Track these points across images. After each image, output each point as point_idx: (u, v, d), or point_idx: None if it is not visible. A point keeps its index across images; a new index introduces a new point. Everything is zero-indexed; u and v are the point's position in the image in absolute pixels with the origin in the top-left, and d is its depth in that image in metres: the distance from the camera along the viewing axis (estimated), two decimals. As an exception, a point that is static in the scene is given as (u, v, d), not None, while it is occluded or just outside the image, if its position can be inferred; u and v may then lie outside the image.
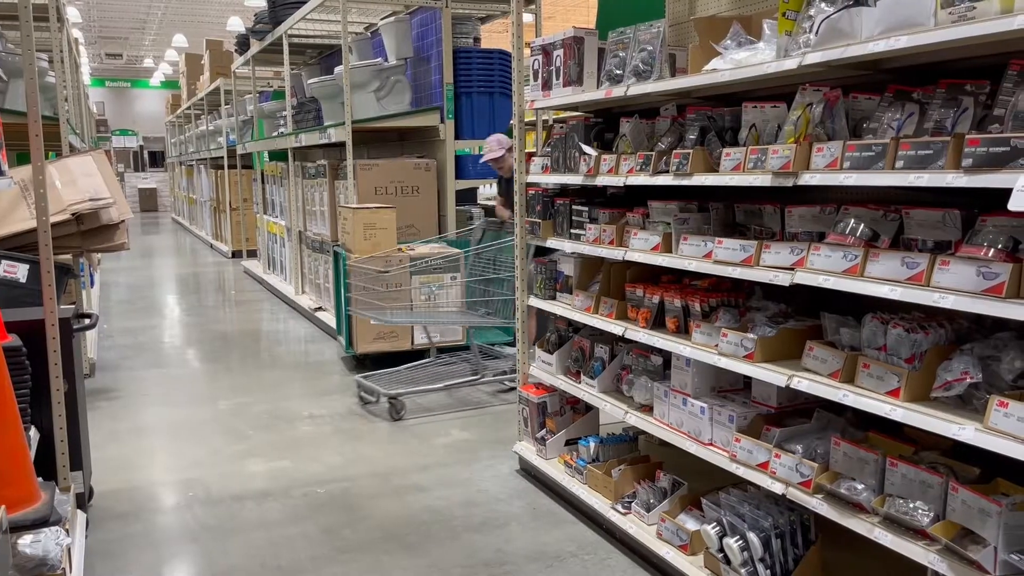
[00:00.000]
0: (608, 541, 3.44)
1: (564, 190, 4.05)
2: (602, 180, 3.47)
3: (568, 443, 3.96)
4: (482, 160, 5.80)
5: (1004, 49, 2.16)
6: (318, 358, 6.87)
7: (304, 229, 8.84)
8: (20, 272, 4.18)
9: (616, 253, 3.40)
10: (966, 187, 2.04)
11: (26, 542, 2.48)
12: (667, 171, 3.08)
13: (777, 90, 2.96)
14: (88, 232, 5.20)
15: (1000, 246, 2.08)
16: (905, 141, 2.23)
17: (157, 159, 28.58)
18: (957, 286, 2.09)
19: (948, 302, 2.09)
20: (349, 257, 6.06)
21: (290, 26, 8.33)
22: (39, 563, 2.47)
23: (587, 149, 3.58)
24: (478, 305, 5.05)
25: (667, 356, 3.28)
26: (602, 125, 3.73)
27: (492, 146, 5.78)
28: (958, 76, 2.34)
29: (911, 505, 2.25)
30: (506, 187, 5.91)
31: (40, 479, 2.82)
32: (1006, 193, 1.88)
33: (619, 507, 3.40)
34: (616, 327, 3.42)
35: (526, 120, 4.13)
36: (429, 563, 3.31)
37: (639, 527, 3.25)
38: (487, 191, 11.03)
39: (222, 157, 14.09)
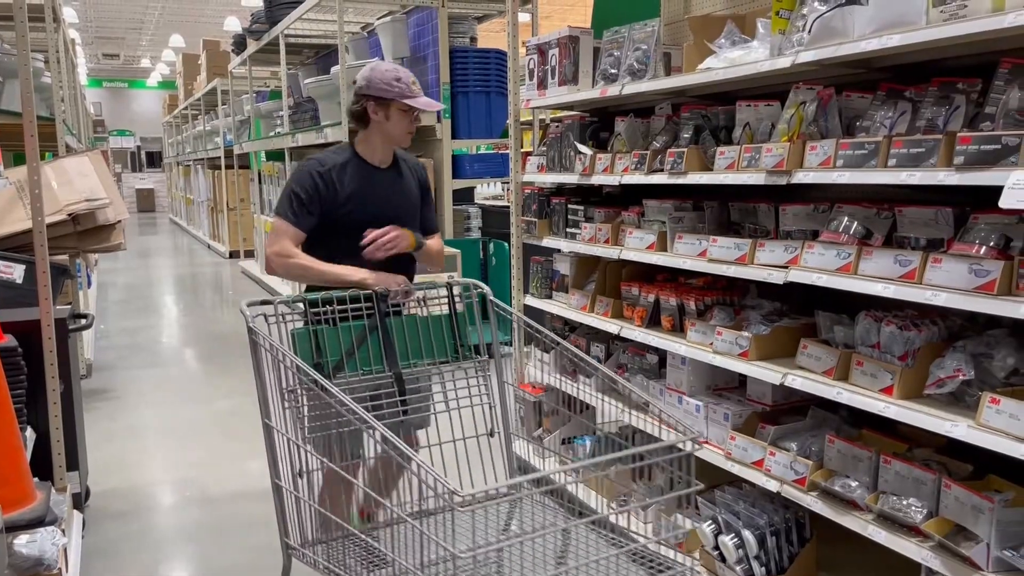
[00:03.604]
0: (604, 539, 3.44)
1: (560, 189, 4.05)
2: (597, 179, 3.48)
3: (564, 442, 3.96)
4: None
5: (995, 47, 2.17)
6: (315, 358, 6.87)
7: (301, 229, 8.82)
8: (16, 272, 4.18)
9: (612, 252, 3.40)
10: (958, 185, 2.04)
11: (22, 542, 2.48)
12: (662, 170, 3.09)
13: (771, 88, 2.97)
14: (84, 232, 5.19)
15: (992, 243, 2.08)
16: (898, 139, 2.23)
17: (154, 159, 28.54)
18: (949, 283, 2.10)
19: (940, 299, 2.10)
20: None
21: (287, 26, 8.33)
22: (35, 563, 2.47)
23: (582, 148, 3.58)
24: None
25: (663, 354, 3.28)
26: (597, 124, 3.73)
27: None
28: (950, 74, 2.34)
29: (904, 502, 2.26)
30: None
31: (36, 479, 2.81)
32: (998, 190, 1.89)
33: (615, 505, 3.40)
34: (612, 326, 3.43)
35: (523, 119, 4.14)
36: (426, 562, 3.30)
37: (635, 525, 3.25)
38: (484, 190, 11.04)
39: (219, 157, 14.08)
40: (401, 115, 2.75)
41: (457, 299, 2.68)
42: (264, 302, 2.40)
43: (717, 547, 2.78)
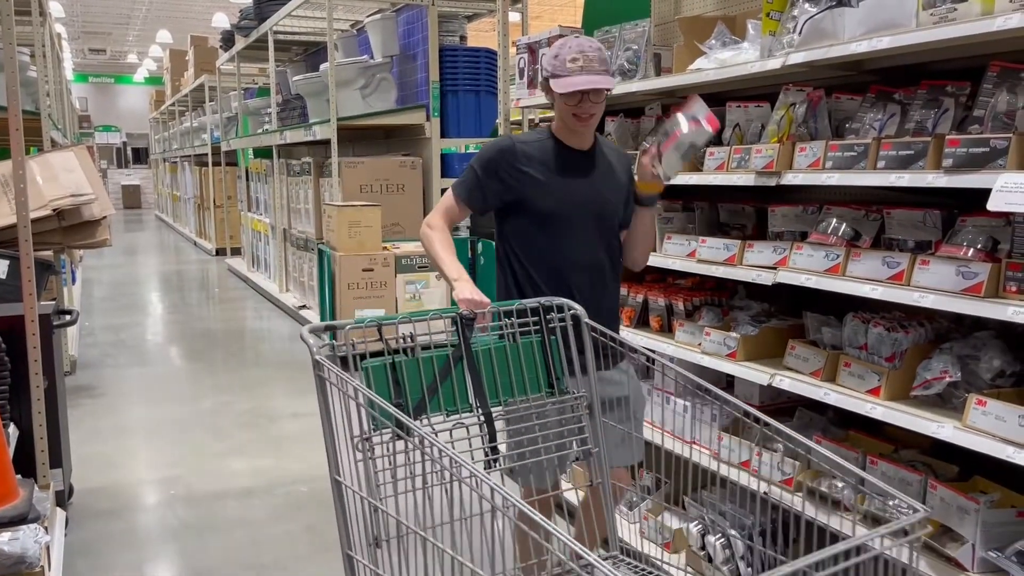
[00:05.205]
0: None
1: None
2: (587, 179, 3.47)
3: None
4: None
5: (984, 51, 2.19)
6: (302, 356, 6.84)
7: (289, 227, 8.80)
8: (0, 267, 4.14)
9: (600, 252, 3.40)
10: (946, 187, 2.05)
11: (4, 539, 2.45)
12: (651, 170, 3.08)
13: (761, 90, 2.97)
14: (69, 228, 5.15)
15: (979, 246, 2.10)
16: (887, 141, 2.24)
17: (141, 155, 28.34)
18: (937, 285, 2.11)
19: (928, 301, 2.11)
20: (334, 255, 6.03)
21: (275, 23, 8.30)
22: (17, 560, 2.44)
23: (572, 148, 3.57)
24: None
25: (651, 355, 3.29)
26: (587, 124, 3.72)
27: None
28: (939, 77, 2.35)
29: (891, 503, 2.26)
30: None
31: (19, 476, 2.79)
32: (986, 193, 1.90)
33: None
34: (600, 326, 3.42)
35: (512, 119, 4.13)
36: (412, 561, 3.29)
37: (622, 525, 3.25)
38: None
39: (206, 154, 14.00)
40: (560, 95, 2.33)
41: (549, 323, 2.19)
42: (329, 327, 1.93)
43: (704, 547, 2.79)
